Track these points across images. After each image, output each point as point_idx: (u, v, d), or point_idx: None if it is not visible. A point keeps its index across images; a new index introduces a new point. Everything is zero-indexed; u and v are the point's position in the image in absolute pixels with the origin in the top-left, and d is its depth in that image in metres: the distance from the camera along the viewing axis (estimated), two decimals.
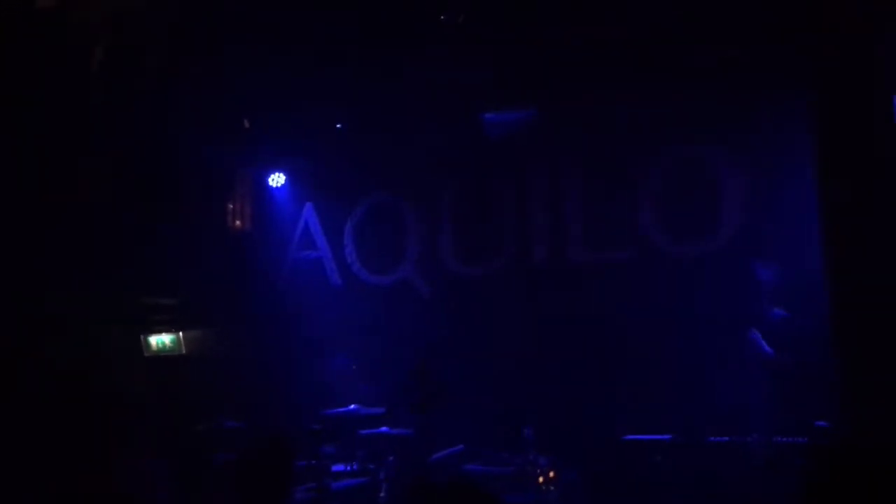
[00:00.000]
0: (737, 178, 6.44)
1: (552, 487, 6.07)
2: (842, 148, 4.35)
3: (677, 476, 5.67)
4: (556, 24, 5.53)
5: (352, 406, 6.77)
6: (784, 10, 4.78)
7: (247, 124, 7.52)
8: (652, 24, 5.41)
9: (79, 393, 6.84)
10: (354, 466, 6.57)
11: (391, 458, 6.42)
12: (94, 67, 5.98)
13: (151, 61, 6.19)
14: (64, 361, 6.91)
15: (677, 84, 6.13)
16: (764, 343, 5.69)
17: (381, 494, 6.28)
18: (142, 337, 7.65)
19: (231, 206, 8.29)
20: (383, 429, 6.47)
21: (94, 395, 6.85)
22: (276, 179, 8.17)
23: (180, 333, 7.77)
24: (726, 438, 5.50)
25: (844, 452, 1.71)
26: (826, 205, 4.39)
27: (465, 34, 5.68)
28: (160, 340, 7.67)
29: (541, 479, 6.04)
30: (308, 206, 8.19)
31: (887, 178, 4.26)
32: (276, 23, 5.78)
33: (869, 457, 1.67)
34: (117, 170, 7.10)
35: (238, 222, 8.30)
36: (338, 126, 7.47)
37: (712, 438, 5.60)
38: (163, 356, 7.68)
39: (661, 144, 6.69)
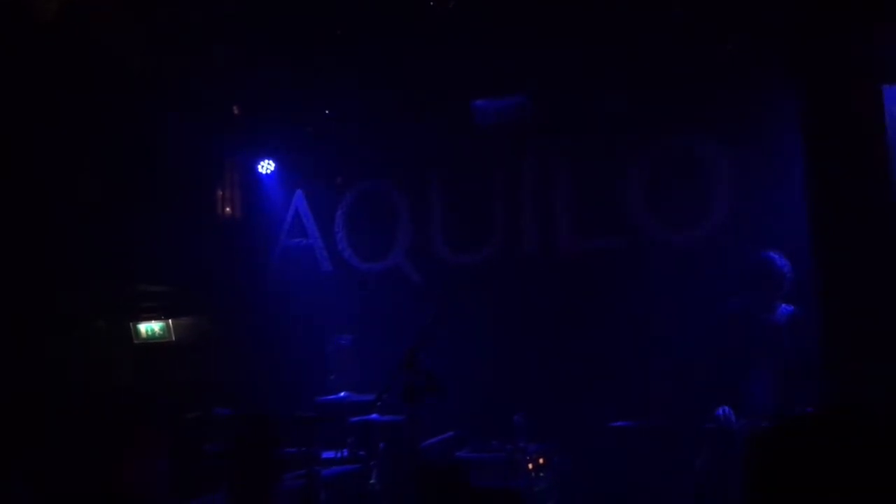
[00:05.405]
0: (726, 165, 6.46)
1: (542, 474, 6.10)
2: (830, 137, 4.36)
3: (666, 462, 5.70)
4: (547, 13, 5.51)
5: (342, 393, 6.77)
6: (773, 3, 4.77)
7: (236, 111, 7.49)
8: (644, 17, 5.40)
9: (71, 383, 6.83)
10: (345, 453, 6.57)
11: (382, 444, 6.43)
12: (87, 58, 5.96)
13: (141, 51, 6.16)
14: (55, 351, 6.91)
15: (668, 73, 6.13)
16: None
17: (372, 481, 6.30)
18: (131, 324, 7.63)
19: (221, 193, 8.24)
20: (374, 416, 6.45)
21: (85, 385, 6.84)
22: (266, 166, 8.10)
23: (170, 321, 7.75)
24: (713, 425, 5.51)
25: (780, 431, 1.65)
26: (814, 193, 4.40)
27: (456, 21, 5.66)
28: (149, 328, 7.65)
29: (531, 466, 6.07)
30: (298, 193, 8.14)
31: (875, 166, 4.27)
32: (267, 12, 5.76)
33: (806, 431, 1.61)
34: (106, 158, 7.06)
35: (228, 209, 8.26)
36: (326, 112, 7.44)
37: (703, 425, 5.61)
38: (152, 343, 7.67)
39: (651, 133, 6.69)
